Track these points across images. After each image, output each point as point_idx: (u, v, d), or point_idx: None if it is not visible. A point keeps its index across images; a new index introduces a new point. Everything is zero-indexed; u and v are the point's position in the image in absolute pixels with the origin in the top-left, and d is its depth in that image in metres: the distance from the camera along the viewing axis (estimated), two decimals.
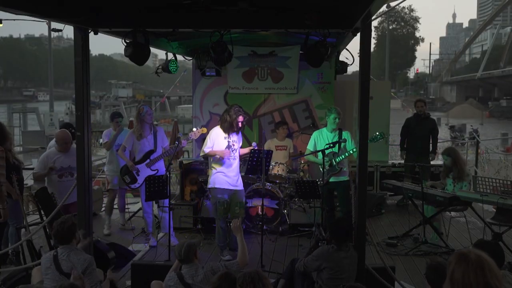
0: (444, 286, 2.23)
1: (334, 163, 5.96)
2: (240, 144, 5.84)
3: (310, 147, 6.20)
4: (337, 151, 5.96)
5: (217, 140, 5.67)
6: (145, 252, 5.94)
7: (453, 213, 6.93)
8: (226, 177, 5.67)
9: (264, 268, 5.28)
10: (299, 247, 6.13)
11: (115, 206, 7.26)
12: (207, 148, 5.69)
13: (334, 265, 3.99)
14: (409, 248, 6.00)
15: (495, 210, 6.44)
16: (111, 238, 6.46)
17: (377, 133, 5.94)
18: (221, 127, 5.71)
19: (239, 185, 5.81)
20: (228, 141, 5.68)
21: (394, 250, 5.99)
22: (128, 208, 7.41)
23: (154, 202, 6.08)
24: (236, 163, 5.75)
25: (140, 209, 7.43)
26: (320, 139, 6.10)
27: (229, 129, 5.63)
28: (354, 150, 5.77)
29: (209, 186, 5.81)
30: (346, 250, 4.09)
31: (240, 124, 5.64)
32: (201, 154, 5.94)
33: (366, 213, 4.46)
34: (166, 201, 5.72)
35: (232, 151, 5.69)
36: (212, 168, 5.74)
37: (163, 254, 5.74)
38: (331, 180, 6.01)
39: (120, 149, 6.20)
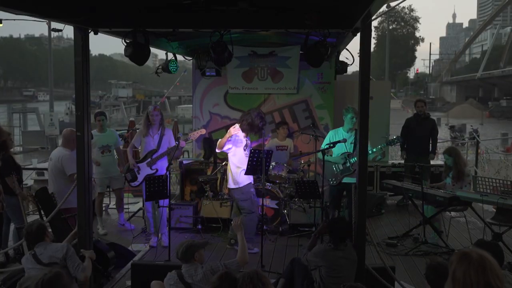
0: (446, 286, 2.23)
1: (349, 164, 5.95)
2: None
3: (324, 146, 6.18)
4: (352, 151, 5.95)
5: (238, 137, 5.84)
6: (145, 252, 5.94)
7: (453, 213, 6.93)
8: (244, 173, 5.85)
9: (264, 268, 5.28)
10: (299, 247, 6.13)
11: (114, 207, 7.25)
12: (224, 142, 5.83)
13: (330, 264, 4.01)
14: (409, 248, 6.00)
15: (495, 210, 6.44)
16: (110, 238, 6.46)
17: (394, 137, 5.98)
18: (241, 126, 5.83)
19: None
20: (246, 140, 5.91)
21: (394, 250, 5.99)
22: (127, 208, 7.41)
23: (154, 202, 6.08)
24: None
25: (140, 209, 7.44)
26: (335, 138, 6.07)
27: (249, 130, 5.83)
28: (370, 152, 5.78)
29: (241, 184, 5.86)
30: (344, 249, 4.10)
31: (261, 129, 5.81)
32: (218, 148, 5.98)
33: (366, 213, 4.45)
34: (166, 201, 5.73)
35: (248, 149, 5.88)
36: (236, 168, 5.85)
37: (163, 254, 5.74)
38: (344, 181, 6.01)
39: (129, 146, 6.49)
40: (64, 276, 2.99)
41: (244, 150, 5.87)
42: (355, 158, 5.89)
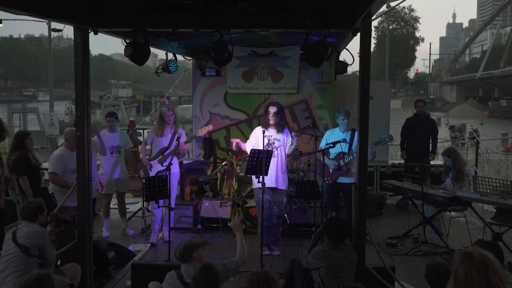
0: (448, 285, 2.22)
1: (343, 163, 5.94)
2: (287, 142, 5.83)
3: (322, 146, 6.18)
4: (347, 151, 5.94)
5: (258, 136, 5.79)
6: (145, 252, 5.95)
7: (453, 213, 6.93)
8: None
9: (263, 268, 5.27)
10: (299, 247, 6.13)
11: (115, 206, 7.18)
12: (248, 143, 5.94)
13: (330, 264, 4.01)
14: (409, 248, 6.00)
15: (495, 210, 6.44)
16: (111, 238, 6.46)
17: (385, 136, 5.93)
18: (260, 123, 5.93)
19: (278, 184, 5.83)
20: (269, 139, 5.74)
21: (394, 250, 5.99)
22: (128, 208, 7.38)
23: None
24: (274, 161, 5.74)
25: (140, 209, 7.43)
26: (331, 138, 6.07)
27: (264, 124, 5.83)
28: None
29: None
30: (343, 249, 4.11)
31: (271, 122, 5.73)
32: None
33: (366, 213, 4.45)
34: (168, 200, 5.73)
35: (273, 148, 5.75)
36: None
37: (163, 254, 5.74)
38: (339, 180, 6.00)
39: (142, 144, 6.66)
40: (50, 280, 2.99)
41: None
42: (349, 158, 5.88)
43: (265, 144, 5.64)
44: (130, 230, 6.82)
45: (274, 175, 5.80)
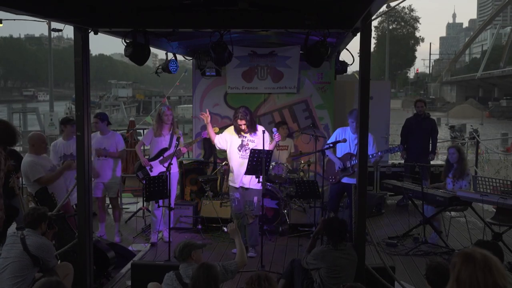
0: (449, 287, 2.20)
1: (349, 165, 5.93)
2: (265, 141, 5.62)
3: (330, 142, 6.16)
4: (355, 153, 5.92)
5: (229, 137, 5.84)
6: (145, 252, 5.94)
7: (453, 213, 6.93)
8: (234, 174, 5.82)
9: (264, 268, 5.28)
10: (299, 247, 6.13)
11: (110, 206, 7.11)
12: (218, 137, 5.95)
13: (330, 265, 4.02)
14: (409, 248, 6.00)
15: (495, 210, 6.44)
16: (110, 238, 6.46)
17: (395, 145, 5.90)
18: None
19: (248, 184, 5.78)
20: (242, 140, 5.76)
21: (394, 250, 5.99)
22: (127, 208, 7.38)
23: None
24: (244, 161, 5.69)
25: (140, 209, 7.43)
26: (342, 136, 6.04)
27: (237, 131, 5.79)
28: (374, 155, 5.75)
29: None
30: (343, 249, 4.10)
31: (242, 127, 5.71)
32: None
33: (366, 213, 4.45)
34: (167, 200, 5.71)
35: (245, 150, 5.73)
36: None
37: (163, 254, 5.74)
38: (343, 180, 5.99)
39: (137, 144, 6.55)
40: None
41: (239, 150, 5.76)
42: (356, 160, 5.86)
43: (238, 146, 5.74)
44: (117, 237, 6.56)
45: (241, 175, 5.73)
